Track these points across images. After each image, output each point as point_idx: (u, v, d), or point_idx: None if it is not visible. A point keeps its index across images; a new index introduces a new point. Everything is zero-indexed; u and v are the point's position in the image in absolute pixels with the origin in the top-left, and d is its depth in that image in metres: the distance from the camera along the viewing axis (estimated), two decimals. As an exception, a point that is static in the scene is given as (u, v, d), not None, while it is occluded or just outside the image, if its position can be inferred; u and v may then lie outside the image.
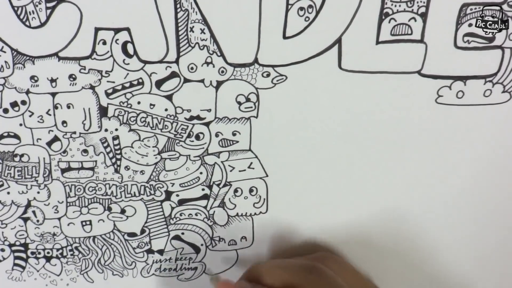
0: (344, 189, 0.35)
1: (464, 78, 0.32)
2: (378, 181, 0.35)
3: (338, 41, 0.30)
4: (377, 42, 0.30)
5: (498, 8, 0.30)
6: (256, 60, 0.31)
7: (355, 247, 0.37)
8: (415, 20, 0.30)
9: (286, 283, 0.30)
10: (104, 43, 0.30)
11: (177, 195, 0.35)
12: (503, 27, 0.30)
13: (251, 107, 0.32)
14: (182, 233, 0.36)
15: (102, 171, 0.34)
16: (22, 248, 0.36)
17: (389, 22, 0.30)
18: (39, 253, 0.36)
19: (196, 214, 0.36)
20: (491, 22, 0.30)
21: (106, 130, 0.33)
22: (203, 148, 0.34)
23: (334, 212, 0.36)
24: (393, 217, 0.36)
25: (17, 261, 0.37)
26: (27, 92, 0.31)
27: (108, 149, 0.33)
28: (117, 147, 0.33)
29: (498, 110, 0.32)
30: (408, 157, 0.34)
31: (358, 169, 0.34)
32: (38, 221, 0.35)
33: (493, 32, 0.30)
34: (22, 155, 0.33)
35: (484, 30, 0.30)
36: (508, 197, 0.36)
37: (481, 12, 0.30)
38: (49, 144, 0.33)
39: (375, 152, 0.34)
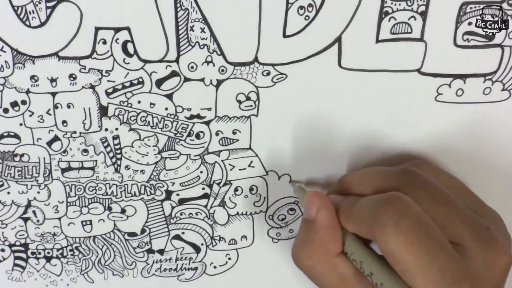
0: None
1: (463, 76, 0.32)
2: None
3: (338, 39, 0.30)
4: (377, 41, 0.31)
5: (498, 7, 0.30)
6: (256, 59, 0.31)
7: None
8: (415, 19, 0.30)
9: (378, 188, 0.29)
10: (104, 42, 0.30)
11: (178, 195, 0.35)
12: (503, 27, 0.30)
13: (251, 105, 0.32)
14: (183, 233, 0.36)
15: (102, 171, 0.34)
16: (22, 248, 0.36)
17: (389, 20, 0.30)
18: (39, 253, 0.36)
19: (196, 214, 0.36)
20: (491, 22, 0.30)
21: (106, 129, 0.33)
22: (203, 147, 0.34)
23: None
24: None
25: (17, 261, 0.36)
26: (27, 91, 0.31)
27: (108, 149, 0.33)
28: (117, 147, 0.33)
29: (497, 108, 0.33)
30: (407, 156, 0.34)
31: (358, 167, 0.34)
32: (38, 221, 0.35)
33: (493, 32, 0.30)
34: (22, 155, 0.33)
35: (484, 30, 0.30)
36: (507, 195, 0.36)
37: (481, 12, 0.30)
38: (49, 143, 0.33)
39: (375, 151, 0.34)
